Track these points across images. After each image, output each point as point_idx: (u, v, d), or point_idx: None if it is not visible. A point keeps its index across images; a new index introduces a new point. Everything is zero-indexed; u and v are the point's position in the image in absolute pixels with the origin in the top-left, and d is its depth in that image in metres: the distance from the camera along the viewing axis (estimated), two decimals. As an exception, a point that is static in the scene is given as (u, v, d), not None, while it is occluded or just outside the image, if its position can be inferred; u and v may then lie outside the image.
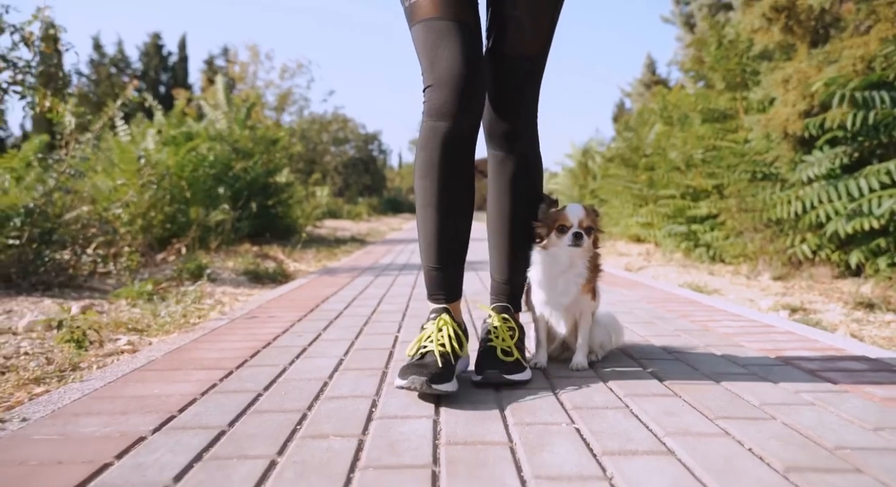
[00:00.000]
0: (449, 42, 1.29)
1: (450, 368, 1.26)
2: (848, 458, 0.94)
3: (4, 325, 2.22)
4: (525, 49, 1.43)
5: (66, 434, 1.06)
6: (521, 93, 1.45)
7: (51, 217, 3.65)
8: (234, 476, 0.89)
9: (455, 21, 1.30)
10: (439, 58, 1.29)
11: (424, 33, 1.31)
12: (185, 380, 1.40)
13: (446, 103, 1.29)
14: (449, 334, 1.33)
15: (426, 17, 1.31)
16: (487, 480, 0.87)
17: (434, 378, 1.20)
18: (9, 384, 1.42)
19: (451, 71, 1.28)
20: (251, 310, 2.43)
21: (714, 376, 1.42)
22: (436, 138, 1.32)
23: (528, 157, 1.50)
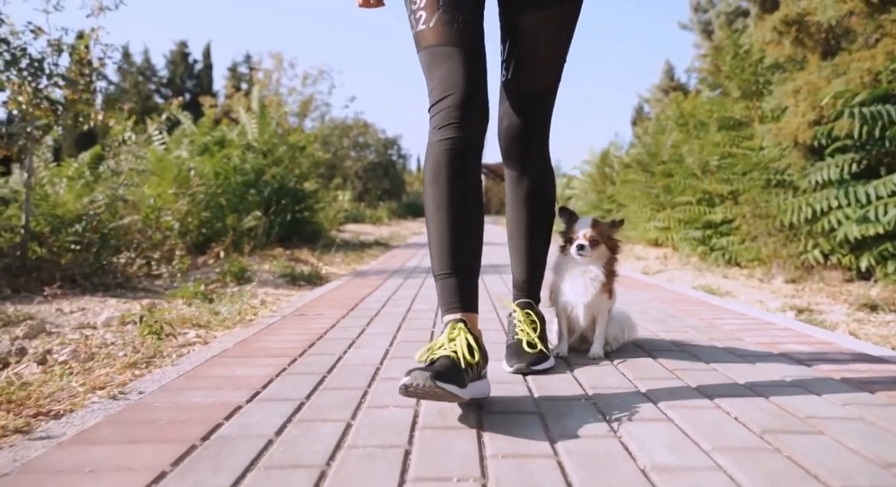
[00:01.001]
0: (451, 62, 1.37)
1: (459, 372, 1.18)
2: (815, 425, 1.15)
3: (85, 321, 2.51)
4: (540, 82, 1.59)
5: (179, 404, 1.31)
6: (535, 121, 1.62)
7: (106, 223, 3.97)
8: (321, 432, 1.14)
9: (457, 47, 1.38)
10: (442, 75, 1.37)
11: (429, 58, 1.40)
12: (259, 365, 1.65)
13: (449, 115, 1.35)
14: (462, 345, 1.23)
15: (430, 45, 1.40)
16: (523, 436, 1.11)
17: (439, 375, 1.11)
18: (112, 368, 1.68)
19: (453, 86, 1.35)
20: (298, 308, 2.69)
21: (714, 364, 1.63)
22: (441, 146, 1.37)
23: (540, 178, 1.69)
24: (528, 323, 1.62)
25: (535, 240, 1.71)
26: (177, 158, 6.43)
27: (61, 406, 1.34)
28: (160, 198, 5.36)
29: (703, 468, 0.96)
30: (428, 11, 1.39)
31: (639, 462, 0.99)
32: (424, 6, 1.40)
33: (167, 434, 1.12)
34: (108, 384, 1.51)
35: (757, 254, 4.80)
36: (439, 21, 1.38)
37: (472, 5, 1.42)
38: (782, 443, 1.06)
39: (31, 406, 1.33)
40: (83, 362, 1.78)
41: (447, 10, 1.38)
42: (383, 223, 18.96)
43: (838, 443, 1.06)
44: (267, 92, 22.55)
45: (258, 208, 6.46)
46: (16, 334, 2.13)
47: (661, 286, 3.58)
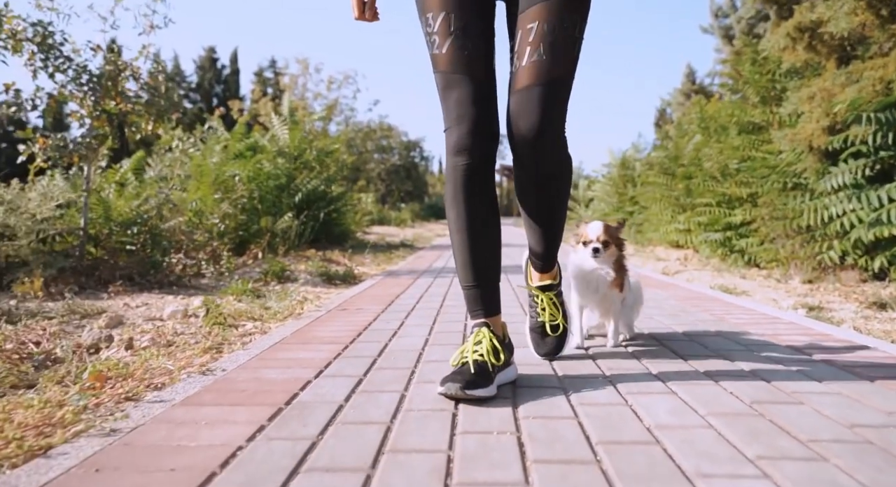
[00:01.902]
0: (461, 91, 1.48)
1: (485, 375, 1.39)
2: (798, 397, 1.36)
3: (150, 314, 2.79)
4: (553, 72, 1.45)
5: (259, 378, 1.56)
6: (553, 107, 1.47)
7: (156, 225, 4.28)
8: (381, 399, 1.37)
9: (467, 75, 1.47)
10: (453, 104, 1.48)
11: (442, 82, 1.51)
12: (316, 350, 1.90)
13: (461, 142, 1.48)
14: (487, 348, 1.45)
15: (442, 70, 1.50)
16: (549, 403, 1.33)
17: (468, 384, 1.34)
18: (191, 352, 1.94)
19: (463, 115, 1.47)
20: (340, 304, 2.94)
21: (719, 352, 1.83)
22: (456, 172, 1.50)
23: (556, 174, 1.58)
24: (550, 304, 1.73)
25: (553, 217, 1.66)
26: (214, 164, 6.77)
27: (160, 380, 1.60)
28: (201, 202, 5.69)
29: (697, 426, 1.18)
30: (441, 37, 1.49)
31: (644, 422, 1.21)
32: (438, 31, 1.49)
33: (256, 400, 1.37)
34: (192, 364, 1.77)
35: (775, 256, 4.94)
36: (451, 47, 1.47)
37: (482, 28, 1.50)
38: (766, 410, 1.27)
39: (137, 379, 1.59)
40: (163, 348, 2.05)
41: (458, 36, 1.47)
42: (407, 225, 19.26)
43: (815, 411, 1.27)
44: (293, 96, 23.08)
45: (290, 211, 6.76)
46: (99, 324, 2.41)
47: (679, 285, 3.77)
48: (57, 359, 1.90)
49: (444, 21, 1.48)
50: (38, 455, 1.07)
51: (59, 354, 1.94)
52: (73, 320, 2.56)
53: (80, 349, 2.00)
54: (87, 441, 1.12)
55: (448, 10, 1.48)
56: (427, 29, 1.52)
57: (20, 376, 1.66)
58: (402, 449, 1.08)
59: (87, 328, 2.34)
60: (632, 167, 11.24)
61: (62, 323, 2.39)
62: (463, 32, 1.47)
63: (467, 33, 1.48)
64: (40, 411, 1.24)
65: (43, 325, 2.25)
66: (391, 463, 1.02)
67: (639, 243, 9.43)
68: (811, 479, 0.95)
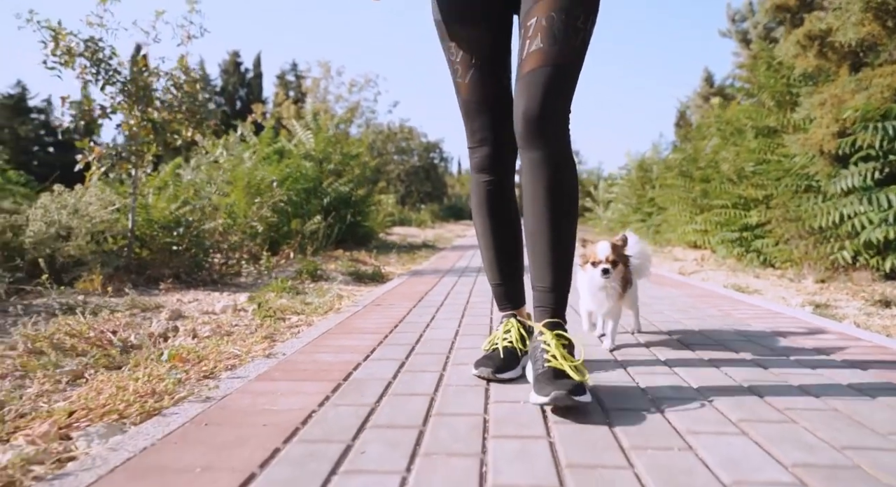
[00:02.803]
0: (481, 119, 1.64)
1: (514, 358, 1.60)
2: (780, 375, 1.57)
3: (203, 308, 3.07)
4: (557, 57, 1.42)
5: (316, 361, 1.81)
6: (557, 94, 1.43)
7: (198, 227, 4.58)
8: (423, 378, 1.61)
9: (487, 105, 1.63)
10: (475, 129, 1.66)
11: (464, 108, 1.67)
12: (360, 339, 2.14)
13: (482, 163, 1.67)
14: (515, 336, 1.65)
15: (464, 98, 1.65)
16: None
17: (499, 369, 1.55)
18: (250, 340, 2.20)
19: (484, 140, 1.66)
20: (374, 300, 3.19)
21: (721, 341, 2.04)
22: (479, 187, 1.70)
23: (563, 159, 1.47)
24: (559, 345, 1.40)
25: (567, 238, 1.48)
26: (246, 168, 7.09)
27: (230, 362, 1.86)
28: (236, 205, 6.00)
29: (693, 399, 1.40)
30: (463, 67, 1.62)
31: (648, 395, 1.43)
32: (460, 61, 1.62)
33: (318, 377, 1.62)
34: (253, 350, 2.03)
35: (789, 256, 5.09)
36: (472, 78, 1.62)
37: (500, 56, 1.62)
38: (753, 387, 1.48)
39: (211, 361, 1.85)
40: (223, 337, 2.31)
41: (478, 68, 1.60)
42: (427, 225, 19.53)
43: (797, 387, 1.48)
44: (315, 100, 23.52)
45: (318, 213, 7.05)
46: (163, 317, 2.69)
47: (692, 284, 3.95)
48: (133, 346, 2.17)
49: (466, 53, 1.60)
50: (154, 415, 1.33)
51: (134, 341, 2.22)
52: (137, 313, 2.85)
53: (152, 337, 2.28)
54: (190, 406, 1.37)
55: (469, 42, 1.60)
56: (450, 56, 1.65)
57: (109, 359, 1.93)
58: (446, 413, 1.32)
59: (154, 320, 2.62)
60: (650, 169, 11.37)
61: (131, 315, 2.67)
62: (483, 64, 1.60)
63: (487, 65, 1.60)
64: (146, 383, 1.50)
65: (116, 318, 2.53)
66: (438, 423, 1.25)
67: (657, 244, 9.56)
68: (782, 438, 1.16)
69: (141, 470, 1.01)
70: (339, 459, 1.06)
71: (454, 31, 1.61)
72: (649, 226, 10.30)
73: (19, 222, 3.62)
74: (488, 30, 1.60)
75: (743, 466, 1.03)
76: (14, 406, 1.44)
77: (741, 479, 0.98)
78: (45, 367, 1.79)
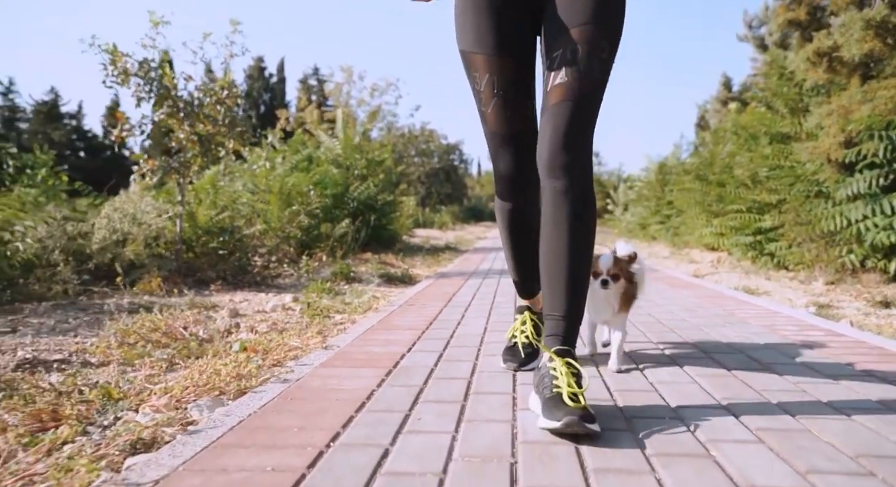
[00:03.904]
0: (505, 151, 1.70)
1: (533, 352, 1.86)
2: (766, 365, 1.84)
3: (256, 307, 3.41)
4: (582, 91, 1.47)
5: (367, 352, 2.12)
6: (580, 128, 1.48)
7: (242, 233, 4.94)
8: (460, 366, 1.91)
9: (508, 133, 1.68)
10: (498, 161, 1.73)
11: (488, 136, 1.73)
12: (401, 334, 2.45)
13: (504, 192, 1.79)
14: (530, 329, 1.91)
15: (488, 127, 1.70)
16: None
17: (522, 363, 1.83)
18: (306, 335, 2.52)
19: (506, 172, 1.74)
20: (407, 300, 3.50)
21: (717, 336, 2.31)
22: (502, 211, 1.84)
23: (585, 189, 1.50)
24: (569, 373, 1.38)
25: (575, 269, 1.49)
26: (278, 175, 7.47)
27: (293, 353, 2.18)
28: (270, 211, 6.37)
29: (687, 383, 1.68)
30: (486, 96, 1.64)
31: (649, 379, 1.72)
32: (484, 91, 1.64)
33: (371, 364, 1.93)
34: (309, 343, 2.35)
35: (801, 259, 5.29)
36: (495, 108, 1.65)
37: (523, 86, 1.65)
38: (739, 374, 1.76)
39: (276, 352, 2.17)
40: (280, 332, 2.64)
41: (501, 97, 1.63)
42: (448, 227, 19.84)
43: (777, 375, 1.75)
44: (338, 103, 24.00)
45: (347, 218, 7.40)
46: (224, 315, 3.03)
47: (702, 285, 4.20)
48: (204, 340, 2.51)
49: (489, 83, 1.62)
50: (246, 392, 1.65)
51: (203, 335, 2.55)
52: (197, 312, 3.19)
53: (219, 332, 2.61)
54: (273, 386, 1.69)
55: (492, 73, 1.61)
56: (474, 85, 1.67)
57: (189, 350, 2.27)
58: (482, 392, 1.62)
59: (217, 317, 2.96)
60: (669, 172, 11.54)
61: (197, 314, 3.02)
62: (506, 94, 1.63)
63: (510, 95, 1.63)
64: (235, 368, 1.82)
65: (185, 316, 2.88)
66: (476, 400, 1.55)
67: (675, 245, 9.75)
68: (758, 411, 1.44)
69: (253, 429, 1.33)
70: (401, 424, 1.37)
71: (478, 61, 1.62)
72: (668, 228, 10.48)
73: (85, 229, 4.01)
74: (510, 57, 1.61)
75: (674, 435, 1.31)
76: (128, 386, 1.77)
77: (661, 451, 1.26)
78: (140, 356, 2.13)
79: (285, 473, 1.09)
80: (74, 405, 1.56)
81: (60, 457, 1.25)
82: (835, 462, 1.14)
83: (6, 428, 1.39)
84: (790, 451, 1.19)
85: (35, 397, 1.61)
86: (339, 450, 1.21)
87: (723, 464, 1.13)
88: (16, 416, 1.49)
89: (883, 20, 3.69)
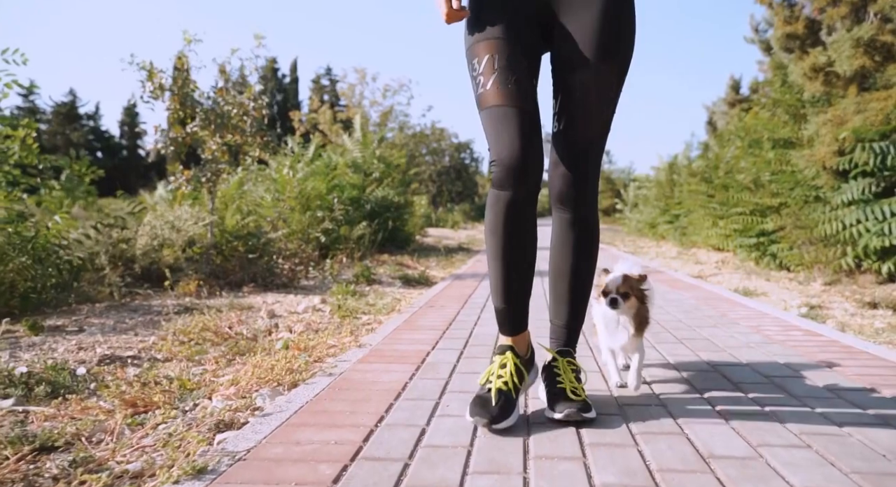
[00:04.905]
0: (508, 126, 1.50)
1: (509, 404, 1.52)
2: (740, 356, 2.12)
3: (288, 309, 3.72)
4: (589, 135, 1.61)
5: (396, 349, 2.42)
6: (587, 169, 1.63)
7: (269, 238, 5.26)
8: (480, 363, 2.20)
9: (514, 107, 1.51)
10: (500, 139, 1.51)
11: (489, 119, 1.54)
12: (425, 333, 2.75)
13: (506, 177, 1.52)
14: (511, 370, 1.58)
15: (491, 105, 1.53)
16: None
17: (494, 418, 1.47)
18: (340, 334, 2.83)
19: (509, 151, 1.50)
20: (427, 302, 3.80)
21: (706, 335, 2.59)
22: (498, 204, 1.55)
23: (590, 221, 1.68)
24: (570, 371, 1.64)
25: (578, 286, 1.71)
26: (298, 180, 7.81)
27: (332, 350, 2.48)
28: (292, 216, 6.70)
29: (673, 377, 1.97)
30: (486, 75, 1.54)
31: (642, 374, 2.00)
32: (483, 71, 1.54)
33: (402, 360, 2.23)
34: (343, 342, 2.65)
35: (801, 260, 5.53)
36: (495, 83, 1.52)
37: (525, 67, 1.55)
38: (718, 368, 2.04)
39: (316, 349, 2.48)
40: (316, 332, 2.95)
41: (502, 73, 1.52)
42: (459, 226, 20.14)
43: (751, 368, 2.03)
44: (349, 103, 24.37)
45: (364, 220, 7.71)
46: (264, 316, 3.34)
47: (702, 287, 4.47)
48: (249, 338, 2.82)
49: (489, 61, 1.54)
50: (298, 384, 1.96)
51: (247, 334, 2.86)
52: (237, 313, 3.51)
53: (261, 332, 2.93)
54: (321, 379, 1.99)
55: (492, 53, 1.54)
56: (473, 73, 1.58)
57: (239, 348, 2.58)
58: (498, 384, 1.91)
59: (257, 318, 3.28)
60: (678, 172, 11.76)
61: (238, 314, 3.33)
62: (507, 68, 1.52)
63: (511, 69, 1.53)
64: (286, 364, 2.13)
65: (230, 316, 3.20)
66: (494, 390, 1.85)
67: (683, 245, 9.98)
68: (728, 400, 1.72)
69: (313, 413, 1.63)
70: (433, 409, 1.66)
71: (480, 47, 1.56)
72: (676, 228, 10.71)
73: (128, 236, 4.35)
74: (515, 44, 1.56)
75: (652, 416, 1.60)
76: (196, 378, 2.09)
77: (645, 430, 1.55)
78: (198, 353, 2.44)
79: (346, 445, 1.40)
80: (157, 394, 1.87)
81: (162, 434, 1.56)
82: (782, 438, 1.43)
83: (113, 411, 1.71)
84: (748, 430, 1.48)
85: (123, 387, 1.92)
86: (386, 429, 1.51)
87: (692, 440, 1.42)
88: (112, 403, 1.81)
89: (871, 39, 3.93)
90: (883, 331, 2.99)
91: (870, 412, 1.61)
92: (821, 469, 1.26)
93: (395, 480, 1.22)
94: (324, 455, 1.34)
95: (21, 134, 4.81)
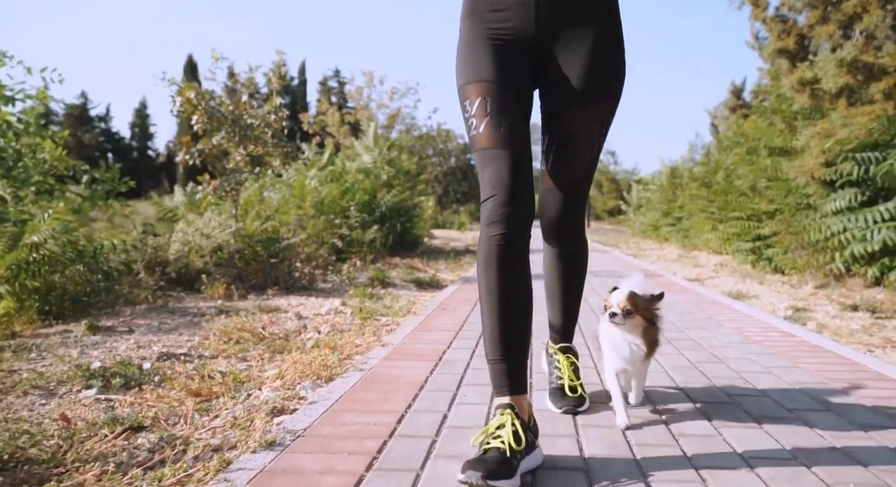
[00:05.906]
0: (497, 164, 1.51)
1: (509, 465, 1.31)
2: (722, 358, 2.42)
3: (311, 311, 4.04)
4: (577, 174, 1.71)
5: (415, 348, 2.73)
6: (574, 206, 1.77)
7: (290, 243, 5.59)
8: (489, 359, 2.52)
9: (502, 149, 1.51)
10: (489, 176, 1.51)
11: (481, 159, 1.55)
12: (439, 334, 3.06)
13: (495, 213, 1.49)
14: (509, 433, 1.37)
15: (482, 148, 1.54)
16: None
17: (490, 474, 1.27)
18: (363, 335, 3.15)
19: (497, 186, 1.49)
20: (440, 304, 4.12)
21: (695, 338, 2.89)
22: (489, 242, 1.50)
23: (577, 253, 1.92)
24: (569, 366, 1.93)
25: (571, 299, 1.99)
26: (313, 186, 8.15)
27: (358, 349, 2.80)
28: (307, 221, 7.04)
29: (658, 372, 2.27)
30: (478, 118, 1.55)
31: (631, 370, 2.31)
32: (475, 114, 1.56)
33: (422, 358, 2.54)
34: (368, 341, 2.97)
35: (794, 264, 5.82)
36: (487, 126, 1.53)
37: (516, 110, 1.56)
38: (699, 366, 2.35)
39: (345, 347, 2.80)
40: (340, 332, 3.27)
41: (494, 116, 1.53)
42: (466, 228, 20.45)
43: (727, 366, 2.34)
44: (357, 106, 24.74)
45: (375, 224, 8.04)
46: (293, 317, 3.67)
47: (696, 291, 4.77)
48: (281, 338, 3.14)
49: (481, 104, 1.55)
50: (333, 378, 2.27)
51: (279, 334, 3.19)
52: (265, 315, 3.84)
53: (292, 332, 3.25)
54: (353, 374, 2.31)
55: (484, 96, 1.55)
56: (466, 114, 1.60)
57: (274, 346, 2.90)
58: (507, 378, 2.22)
59: (286, 320, 3.61)
60: (680, 176, 12.04)
61: (269, 316, 3.66)
62: (498, 112, 1.54)
63: (503, 113, 1.54)
64: (322, 361, 2.45)
65: (262, 318, 3.52)
66: (503, 383, 2.16)
67: (685, 247, 10.27)
68: (704, 393, 2.03)
69: (352, 401, 1.95)
70: (452, 398, 1.98)
71: (471, 89, 1.58)
72: (678, 231, 11.00)
73: (161, 242, 4.68)
74: (507, 87, 1.57)
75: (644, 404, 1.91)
76: (245, 373, 2.41)
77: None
78: (241, 351, 2.77)
79: (383, 426, 1.71)
80: (215, 385, 2.19)
81: (228, 418, 1.88)
82: (741, 422, 1.73)
83: (181, 400, 2.04)
84: (716, 413, 1.78)
85: (184, 380, 2.25)
86: (414, 414, 1.82)
87: (669, 425, 1.73)
88: (179, 392, 2.14)
89: (853, 60, 4.21)
90: (857, 332, 3.29)
91: (819, 400, 1.92)
92: (765, 440, 1.56)
93: (426, 451, 1.53)
94: (366, 433, 1.66)
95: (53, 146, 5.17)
